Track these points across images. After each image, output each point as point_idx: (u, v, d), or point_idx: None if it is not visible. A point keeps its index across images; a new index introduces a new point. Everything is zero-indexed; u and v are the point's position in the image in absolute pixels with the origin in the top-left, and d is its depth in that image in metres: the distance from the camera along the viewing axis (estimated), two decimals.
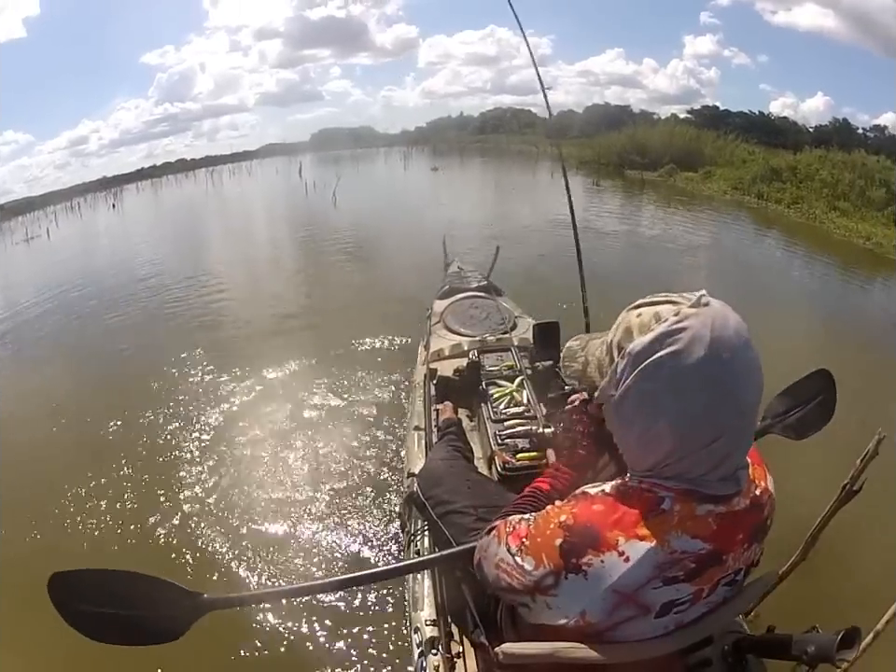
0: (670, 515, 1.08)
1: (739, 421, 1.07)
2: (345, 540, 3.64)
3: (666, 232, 12.16)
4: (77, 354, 7.29)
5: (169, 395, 5.55)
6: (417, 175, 24.84)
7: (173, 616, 1.53)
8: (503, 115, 37.24)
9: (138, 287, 9.81)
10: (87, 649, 1.52)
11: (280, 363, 5.90)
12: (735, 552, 1.15)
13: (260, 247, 12.07)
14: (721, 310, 1.07)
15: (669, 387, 1.04)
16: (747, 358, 1.05)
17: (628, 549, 1.06)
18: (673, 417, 1.05)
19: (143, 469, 4.51)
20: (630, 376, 1.08)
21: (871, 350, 6.02)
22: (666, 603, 1.10)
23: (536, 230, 11.63)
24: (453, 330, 4.12)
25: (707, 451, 1.06)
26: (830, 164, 15.85)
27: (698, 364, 1.02)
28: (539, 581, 1.13)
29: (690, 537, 1.08)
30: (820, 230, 12.77)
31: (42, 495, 4.33)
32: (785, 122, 25.75)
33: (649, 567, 1.06)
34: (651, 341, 1.06)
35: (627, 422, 1.13)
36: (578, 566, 1.08)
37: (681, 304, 1.09)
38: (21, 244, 17.44)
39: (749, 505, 1.16)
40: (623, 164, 21.81)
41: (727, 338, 1.03)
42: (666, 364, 1.04)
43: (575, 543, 1.09)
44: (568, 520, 1.12)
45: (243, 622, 3.02)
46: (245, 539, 3.70)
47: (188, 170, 33.93)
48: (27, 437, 5.16)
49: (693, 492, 1.10)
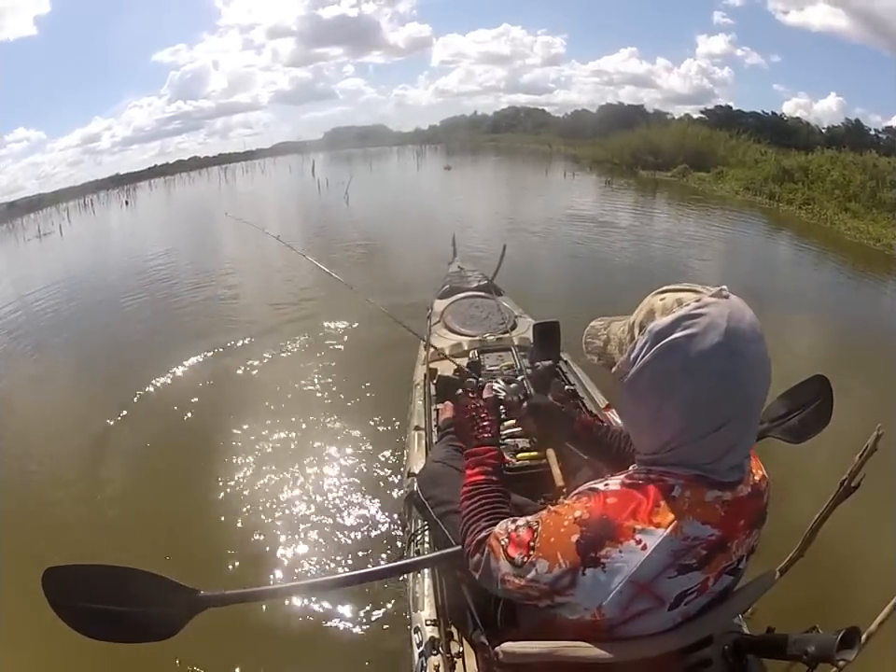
0: (682, 501, 1.10)
1: (746, 410, 1.10)
2: (345, 540, 3.63)
3: (680, 231, 12.17)
4: (84, 346, 7.38)
5: (174, 389, 5.57)
6: (430, 173, 24.84)
7: (167, 613, 1.53)
8: (517, 114, 37.27)
9: (152, 286, 9.86)
10: (87, 645, 1.52)
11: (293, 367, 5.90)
12: (738, 538, 1.17)
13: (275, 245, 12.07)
14: (738, 303, 1.11)
15: (683, 368, 1.07)
16: (758, 352, 1.08)
17: (645, 537, 1.07)
18: (684, 397, 1.08)
19: (146, 461, 4.53)
20: (647, 354, 1.12)
21: (880, 350, 5.96)
22: (679, 594, 1.12)
23: (546, 228, 11.67)
24: (453, 330, 4.12)
25: (714, 436, 1.09)
26: (841, 165, 15.77)
27: (712, 349, 1.05)
28: (555, 582, 1.14)
29: (701, 523, 1.10)
30: (831, 231, 12.70)
31: (43, 486, 4.39)
32: (798, 123, 25.69)
33: (665, 554, 1.08)
34: (671, 322, 1.10)
35: (641, 398, 1.16)
36: (596, 559, 1.09)
37: (703, 294, 1.12)
38: (34, 240, 17.55)
39: (750, 492, 1.18)
40: (637, 164, 21.83)
41: (742, 329, 1.07)
42: (682, 346, 1.08)
43: (592, 537, 1.10)
44: (584, 515, 1.13)
45: (240, 620, 2.95)
46: (242, 536, 3.69)
47: (201, 168, 34.10)
48: (33, 428, 5.22)
49: (702, 478, 1.12)
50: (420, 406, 3.32)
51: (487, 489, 1.54)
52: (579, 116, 32.52)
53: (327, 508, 3.88)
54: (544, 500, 2.22)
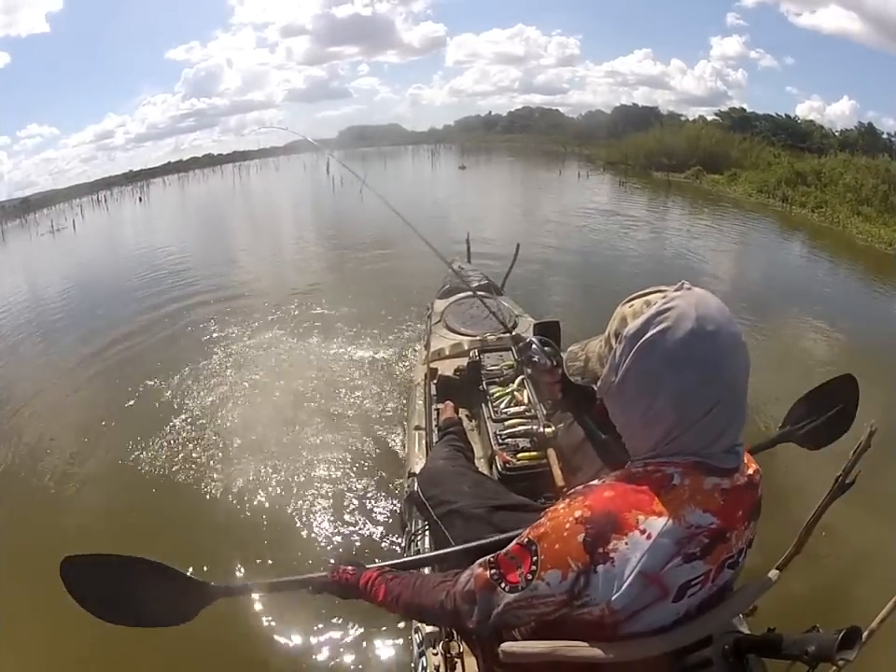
0: (682, 489, 1.11)
1: (732, 391, 1.11)
2: (345, 540, 3.63)
3: (691, 230, 12.13)
4: (94, 339, 7.35)
5: (172, 388, 5.57)
6: (445, 172, 24.85)
7: (178, 603, 1.58)
8: (531, 114, 37.18)
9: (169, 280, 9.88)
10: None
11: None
12: (737, 529, 1.17)
13: (293, 241, 12.24)
14: (702, 293, 1.15)
15: (664, 362, 1.10)
16: (731, 332, 1.10)
17: (648, 526, 1.08)
18: (672, 390, 1.10)
19: (156, 451, 4.56)
20: (628, 358, 1.14)
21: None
22: (683, 584, 1.12)
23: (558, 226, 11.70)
24: (453, 330, 4.12)
25: (705, 421, 1.10)
26: (854, 169, 15.74)
27: (687, 337, 1.08)
28: (571, 588, 1.12)
29: (702, 510, 1.11)
30: (843, 234, 12.67)
31: (57, 471, 4.48)
32: (811, 126, 25.50)
33: (670, 542, 1.08)
34: (643, 323, 1.12)
35: (630, 403, 1.18)
36: (605, 554, 1.08)
37: (668, 291, 1.16)
38: (47, 235, 17.71)
39: (746, 482, 1.19)
40: (651, 166, 21.81)
41: (711, 315, 1.09)
42: (658, 341, 1.10)
43: (598, 533, 1.09)
44: (585, 513, 1.12)
45: (238, 618, 3.00)
46: (241, 534, 3.70)
47: (214, 165, 34.21)
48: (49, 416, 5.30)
49: (700, 464, 1.13)
50: (420, 406, 3.32)
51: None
52: (593, 117, 32.51)
53: (326, 508, 3.88)
54: (544, 500, 2.24)
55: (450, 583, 1.37)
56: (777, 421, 2.22)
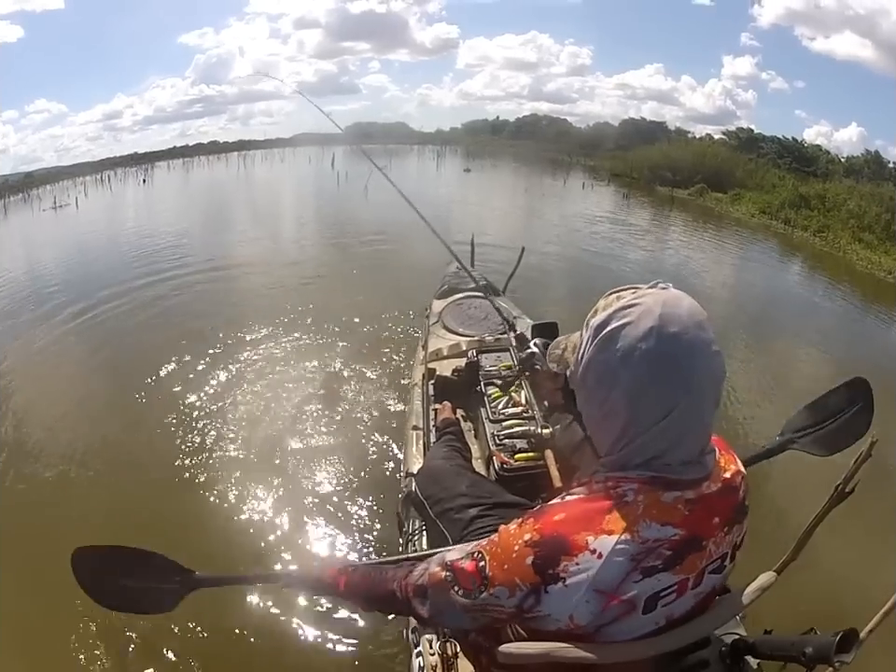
0: (634, 506, 1.09)
1: (689, 398, 1.09)
2: (342, 539, 3.63)
3: (690, 254, 12.13)
4: (94, 324, 7.34)
5: (173, 386, 5.50)
6: (449, 174, 24.82)
7: (167, 590, 1.62)
8: (538, 122, 37.14)
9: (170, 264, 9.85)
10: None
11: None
12: (714, 536, 1.16)
13: (297, 233, 12.20)
14: (676, 292, 1.14)
15: (620, 358, 1.09)
16: (698, 337, 1.08)
17: (599, 545, 1.07)
18: (625, 386, 1.10)
19: (149, 447, 4.54)
20: (589, 348, 1.15)
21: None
22: (651, 596, 1.11)
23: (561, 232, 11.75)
24: (451, 330, 4.11)
25: (659, 428, 1.09)
26: (858, 196, 15.84)
27: (646, 335, 1.07)
28: (520, 604, 1.13)
29: (659, 524, 1.09)
30: (844, 259, 12.72)
31: (57, 458, 4.46)
32: (817, 150, 25.56)
33: (623, 559, 1.07)
34: (608, 315, 1.13)
35: (590, 394, 1.19)
36: (555, 575, 1.08)
37: (642, 288, 1.16)
38: (49, 211, 17.66)
39: (721, 488, 1.18)
40: (655, 180, 21.84)
41: (677, 314, 1.08)
42: (618, 335, 1.10)
43: (547, 556, 1.09)
44: (534, 537, 1.12)
45: (237, 617, 3.00)
46: (238, 531, 3.70)
47: (220, 152, 34.04)
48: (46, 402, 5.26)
49: (657, 479, 1.12)
50: (418, 406, 3.33)
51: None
52: (600, 128, 32.45)
53: (325, 508, 3.87)
54: (542, 501, 2.24)
55: (402, 575, 1.42)
56: (767, 437, 2.17)
